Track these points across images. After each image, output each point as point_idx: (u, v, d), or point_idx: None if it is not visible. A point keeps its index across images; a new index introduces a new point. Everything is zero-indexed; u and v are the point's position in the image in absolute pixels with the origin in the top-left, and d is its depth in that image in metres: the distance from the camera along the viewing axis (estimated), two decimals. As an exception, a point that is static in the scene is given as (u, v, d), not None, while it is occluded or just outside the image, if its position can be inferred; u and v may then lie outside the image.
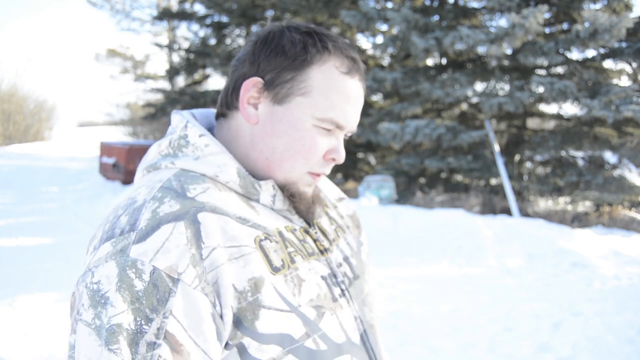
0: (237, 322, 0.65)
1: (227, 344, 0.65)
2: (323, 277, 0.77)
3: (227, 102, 0.80)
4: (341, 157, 0.79)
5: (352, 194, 9.00)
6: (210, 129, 0.85)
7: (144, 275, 0.61)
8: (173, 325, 0.61)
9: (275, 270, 0.69)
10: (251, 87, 0.75)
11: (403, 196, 8.52)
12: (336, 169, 11.74)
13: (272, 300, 0.67)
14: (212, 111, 0.90)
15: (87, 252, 0.70)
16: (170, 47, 15.20)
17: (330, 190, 1.00)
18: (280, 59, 0.74)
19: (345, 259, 0.86)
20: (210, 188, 0.72)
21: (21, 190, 10.01)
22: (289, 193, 0.79)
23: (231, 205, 0.72)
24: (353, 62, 0.77)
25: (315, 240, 0.81)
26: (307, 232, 0.81)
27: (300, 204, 0.80)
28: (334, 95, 0.74)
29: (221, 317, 0.64)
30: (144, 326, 0.60)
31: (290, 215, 0.80)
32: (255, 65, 0.76)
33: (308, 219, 0.83)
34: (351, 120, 0.77)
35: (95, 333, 0.61)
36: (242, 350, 0.65)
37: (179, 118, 0.80)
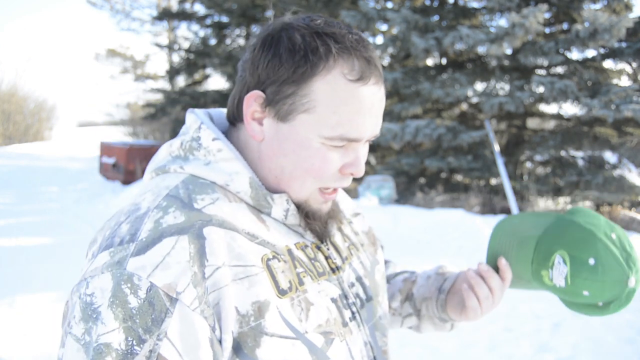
0: (237, 348, 0.60)
1: None
2: (333, 300, 0.72)
3: (233, 113, 0.74)
4: (360, 171, 0.71)
5: (352, 194, 9.00)
6: (225, 132, 0.79)
7: (139, 291, 0.56)
8: (167, 349, 0.56)
9: (281, 293, 0.64)
10: (252, 101, 0.69)
11: (403, 196, 8.52)
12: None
13: (276, 327, 0.62)
14: None
15: (86, 257, 0.65)
16: (170, 47, 15.21)
17: (346, 205, 0.94)
18: (280, 70, 0.66)
19: (358, 279, 0.81)
20: (220, 199, 0.67)
21: (21, 190, 10.01)
22: (304, 213, 0.73)
23: (241, 218, 0.67)
24: (366, 64, 0.67)
25: (327, 258, 0.76)
26: (319, 248, 0.76)
27: (314, 225, 0.74)
28: (342, 109, 0.66)
29: (220, 342, 0.59)
30: (135, 347, 0.55)
31: (303, 230, 0.75)
32: (255, 76, 0.68)
33: (322, 238, 0.77)
34: (367, 131, 0.69)
35: (83, 350, 0.56)
36: None
37: (193, 118, 0.74)
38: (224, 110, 0.82)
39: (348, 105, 0.66)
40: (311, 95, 0.65)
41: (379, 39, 10.81)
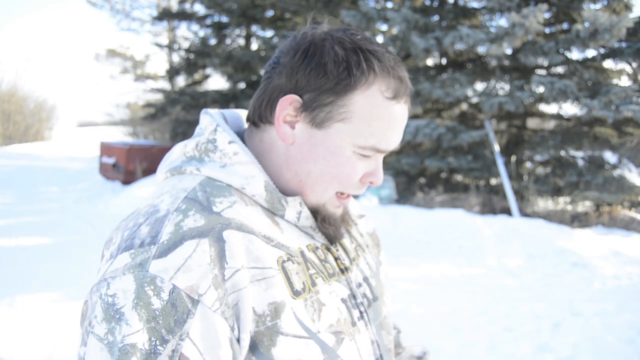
0: (253, 346, 0.62)
1: None
2: (343, 300, 0.75)
3: (260, 114, 0.75)
4: (379, 180, 0.76)
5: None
6: (240, 133, 0.81)
7: (162, 293, 0.58)
8: (188, 348, 0.58)
9: (296, 294, 0.67)
10: (288, 105, 0.71)
11: (403, 196, 8.52)
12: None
13: (290, 327, 0.64)
14: (243, 113, 0.85)
15: (102, 258, 0.66)
16: (170, 47, 15.20)
17: (352, 207, 0.97)
18: (322, 80, 0.69)
19: (365, 279, 0.84)
20: (237, 202, 0.69)
21: (21, 190, 10.01)
22: (321, 217, 0.76)
23: (257, 222, 0.69)
24: (400, 83, 0.72)
25: (336, 259, 0.79)
26: (328, 249, 0.79)
27: (329, 229, 0.78)
28: (376, 122, 0.70)
29: (238, 341, 0.62)
30: (159, 347, 0.57)
31: (313, 232, 0.78)
32: (292, 81, 0.70)
33: (334, 240, 0.80)
34: (393, 144, 0.74)
35: (107, 349, 0.58)
36: None
37: (208, 120, 0.76)
38: (238, 111, 0.85)
39: (382, 120, 0.71)
40: (349, 106, 0.69)
41: (379, 39, 10.80)
